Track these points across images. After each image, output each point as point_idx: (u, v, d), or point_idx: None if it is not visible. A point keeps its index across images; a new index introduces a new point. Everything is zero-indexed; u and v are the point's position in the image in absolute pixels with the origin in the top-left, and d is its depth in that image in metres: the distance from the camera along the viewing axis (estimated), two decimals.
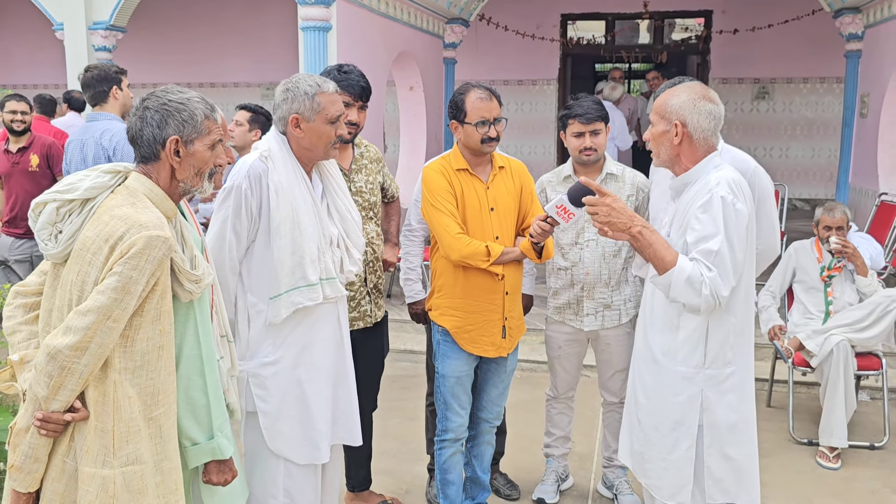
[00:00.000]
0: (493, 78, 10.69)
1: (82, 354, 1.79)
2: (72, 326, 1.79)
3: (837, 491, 3.83)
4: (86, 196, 1.89)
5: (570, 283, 3.47)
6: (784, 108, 10.34)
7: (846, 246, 4.36)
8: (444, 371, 3.16)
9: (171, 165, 1.96)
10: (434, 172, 3.08)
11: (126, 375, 1.86)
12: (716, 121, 2.42)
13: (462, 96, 3.06)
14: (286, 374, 2.59)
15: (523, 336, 3.42)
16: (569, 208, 2.73)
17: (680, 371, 2.45)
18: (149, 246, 1.81)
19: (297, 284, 2.53)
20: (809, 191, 10.33)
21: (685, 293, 2.30)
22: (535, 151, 10.87)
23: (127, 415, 1.86)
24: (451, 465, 3.26)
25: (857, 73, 7.79)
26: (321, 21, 5.62)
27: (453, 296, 3.10)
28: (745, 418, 2.48)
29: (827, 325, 4.36)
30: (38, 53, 10.93)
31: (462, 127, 3.04)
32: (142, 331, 1.87)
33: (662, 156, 2.48)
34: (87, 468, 1.84)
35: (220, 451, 2.07)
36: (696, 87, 2.46)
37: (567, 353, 3.60)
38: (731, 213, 2.31)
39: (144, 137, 1.94)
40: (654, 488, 2.55)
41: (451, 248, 2.99)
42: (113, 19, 7.69)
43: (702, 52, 10.54)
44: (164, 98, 1.95)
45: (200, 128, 1.97)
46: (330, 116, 2.56)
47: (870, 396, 4.96)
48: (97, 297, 1.79)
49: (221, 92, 11.07)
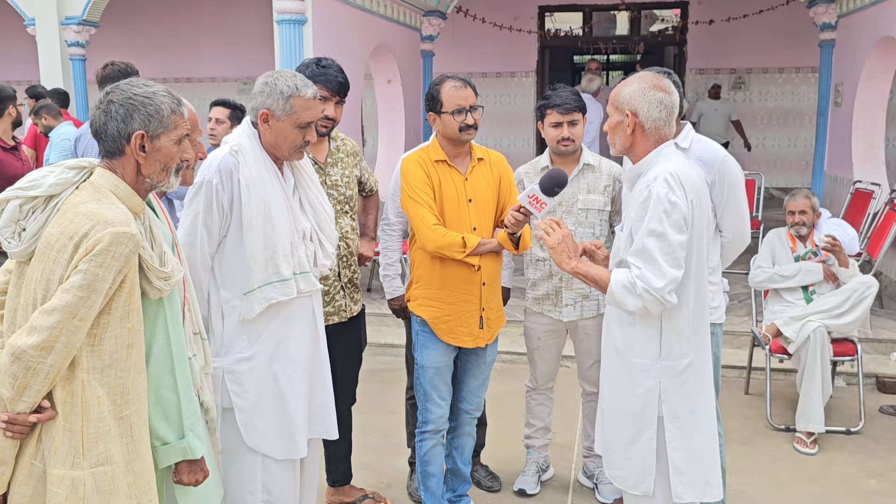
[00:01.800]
0: (471, 70, 10.67)
1: (48, 354, 1.75)
2: (37, 326, 1.76)
3: (814, 476, 3.88)
4: (50, 192, 1.84)
5: (549, 275, 3.47)
6: (760, 98, 10.41)
7: (835, 244, 4.41)
8: (424, 362, 3.17)
9: (136, 161, 1.91)
10: (412, 164, 3.07)
11: (94, 375, 1.83)
12: (668, 110, 2.41)
13: (437, 87, 3.06)
14: (262, 369, 2.58)
15: (503, 328, 3.43)
16: (541, 198, 2.74)
17: (637, 363, 2.46)
18: (115, 243, 1.78)
19: (271, 279, 2.51)
20: (786, 180, 10.42)
21: (627, 299, 2.36)
22: (514, 143, 10.88)
23: (96, 415, 1.82)
24: (432, 456, 3.26)
25: (831, 63, 7.85)
26: (296, 14, 5.58)
27: (431, 286, 3.11)
28: (703, 407, 2.50)
29: (804, 311, 4.40)
30: (8, 49, 10.77)
31: (440, 117, 3.04)
32: (110, 329, 1.83)
33: (618, 145, 2.49)
34: (55, 469, 1.81)
35: (190, 450, 2.04)
36: (647, 76, 2.45)
37: (546, 345, 3.61)
38: (664, 206, 2.30)
39: (109, 132, 1.89)
40: (617, 479, 2.58)
41: (427, 238, 2.98)
42: (86, 14, 7.59)
43: (678, 43, 10.58)
44: (129, 92, 1.89)
45: (167, 122, 1.92)
46: (300, 121, 2.52)
47: (846, 382, 5.02)
48: (62, 295, 1.76)
49: (197, 87, 10.96)
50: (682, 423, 2.47)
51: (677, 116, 2.66)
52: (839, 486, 3.79)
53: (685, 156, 2.76)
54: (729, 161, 2.97)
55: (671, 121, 2.45)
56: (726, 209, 2.97)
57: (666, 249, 2.30)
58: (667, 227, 2.29)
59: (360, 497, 3.57)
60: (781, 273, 4.55)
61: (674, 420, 2.47)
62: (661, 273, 2.30)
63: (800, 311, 4.44)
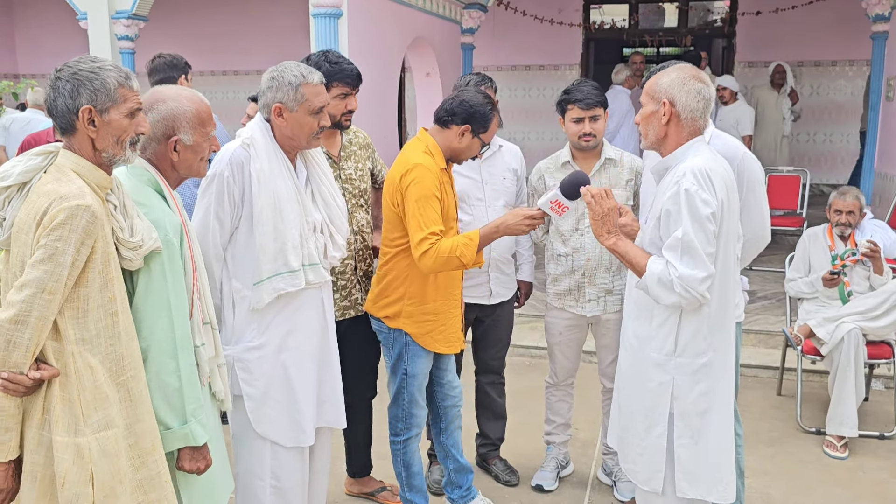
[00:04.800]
0: (513, 63, 10.62)
1: (24, 328, 1.82)
2: (11, 301, 1.83)
3: (842, 480, 3.78)
4: (19, 181, 1.92)
5: (571, 270, 3.45)
6: (812, 92, 10.11)
7: (875, 251, 4.30)
8: (415, 371, 3.11)
9: (89, 136, 1.95)
10: (431, 175, 2.90)
11: (84, 346, 1.90)
12: (705, 101, 2.40)
13: (490, 113, 2.99)
14: (271, 358, 2.63)
15: (531, 322, 3.42)
16: (563, 202, 2.74)
17: (653, 357, 2.45)
18: (71, 216, 1.83)
19: (280, 270, 2.56)
20: (837, 176, 10.11)
21: (660, 292, 2.35)
22: (556, 137, 10.77)
23: (90, 383, 1.90)
24: (415, 458, 3.26)
25: (884, 55, 7.58)
26: (332, 7, 5.62)
27: (425, 301, 3.03)
28: (719, 408, 2.46)
29: (839, 312, 4.29)
30: (64, 43, 11.09)
31: (472, 139, 3.00)
32: (90, 301, 1.90)
33: (651, 136, 2.47)
34: (59, 437, 1.88)
35: (192, 437, 2.08)
36: (686, 67, 2.45)
37: (567, 339, 3.59)
38: (695, 202, 2.30)
39: (59, 108, 1.93)
40: (631, 472, 2.59)
41: (426, 265, 2.89)
42: (135, 8, 7.77)
43: (727, 35, 10.34)
44: (75, 68, 1.93)
45: (114, 96, 1.94)
46: (313, 108, 2.57)
47: (884, 386, 4.87)
48: (29, 271, 1.83)
49: (244, 80, 11.14)
50: (692, 421, 2.45)
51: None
52: (868, 491, 3.69)
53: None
54: (749, 158, 2.91)
55: (706, 113, 2.44)
56: (746, 207, 2.91)
57: (699, 246, 2.29)
58: (698, 224, 2.29)
59: (379, 489, 3.62)
60: (802, 289, 4.57)
61: (684, 418, 2.45)
62: (698, 268, 2.29)
63: (835, 311, 4.32)
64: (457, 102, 2.97)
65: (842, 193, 4.51)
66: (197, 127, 2.22)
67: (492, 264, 3.52)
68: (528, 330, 5.56)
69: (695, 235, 2.28)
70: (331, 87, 2.93)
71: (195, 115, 2.22)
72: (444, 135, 3.00)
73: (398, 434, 3.20)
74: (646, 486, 2.53)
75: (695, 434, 2.45)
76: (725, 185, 2.38)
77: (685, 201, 2.30)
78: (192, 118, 2.21)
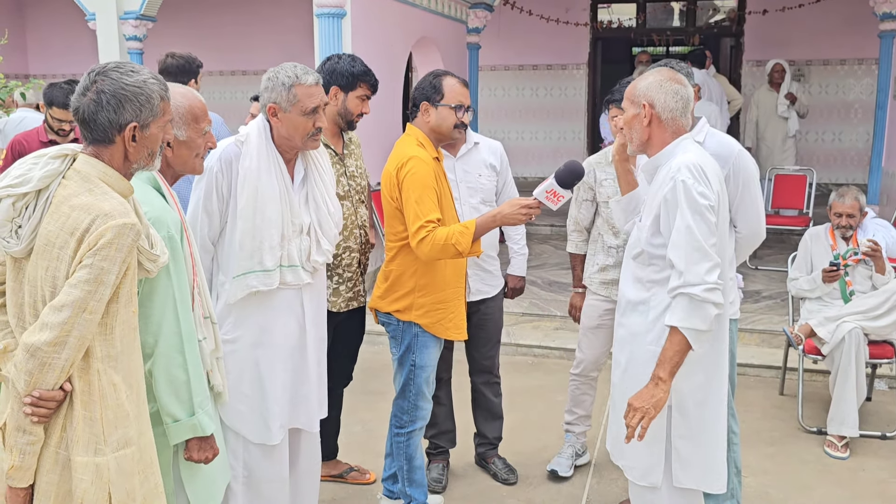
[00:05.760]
0: (520, 63, 10.61)
1: (62, 349, 1.78)
2: (48, 322, 1.77)
3: (842, 480, 3.77)
4: (39, 186, 1.82)
5: (620, 262, 3.45)
6: (820, 91, 10.07)
7: (876, 250, 4.29)
8: (424, 362, 3.11)
9: (125, 148, 1.91)
10: (426, 167, 2.92)
11: (109, 363, 1.86)
12: (683, 101, 2.46)
13: (439, 79, 3.02)
14: (244, 352, 2.67)
15: (533, 322, 3.43)
16: (559, 192, 2.76)
17: (650, 350, 2.46)
18: (119, 235, 1.79)
19: (254, 268, 2.60)
20: (846, 175, 10.05)
21: (698, 320, 2.31)
22: (564, 136, 10.77)
23: (113, 401, 1.87)
24: (418, 451, 3.25)
25: (892, 54, 7.54)
26: (335, 7, 5.64)
27: (435, 290, 3.04)
28: (714, 401, 2.48)
29: (840, 312, 4.27)
30: (72, 43, 11.18)
31: (435, 109, 2.99)
32: (118, 317, 1.86)
33: (635, 140, 2.52)
34: (79, 457, 1.85)
35: (200, 427, 2.11)
36: (663, 70, 2.53)
37: (605, 322, 3.54)
38: (693, 197, 2.33)
39: (99, 122, 1.86)
40: (627, 469, 2.59)
41: (426, 254, 2.90)
42: (143, 9, 7.82)
43: (735, 34, 10.31)
44: (119, 82, 1.86)
45: (156, 111, 1.92)
46: (305, 109, 2.59)
47: (888, 385, 4.85)
48: (70, 290, 1.77)
49: (253, 80, 11.18)
50: (689, 413, 2.48)
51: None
52: (868, 491, 3.67)
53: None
54: (744, 155, 2.93)
55: (687, 112, 2.49)
56: (741, 204, 2.92)
57: (701, 237, 2.31)
58: (699, 216, 2.32)
59: (346, 470, 3.70)
60: (803, 287, 4.54)
61: (681, 409, 2.48)
62: (703, 260, 2.30)
63: (836, 311, 4.31)
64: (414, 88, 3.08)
65: (841, 195, 4.49)
66: (190, 122, 2.23)
67: (469, 260, 3.50)
68: (530, 329, 5.56)
69: (696, 227, 2.31)
70: (358, 85, 3.13)
71: (188, 111, 2.23)
72: (419, 123, 3.05)
73: (403, 426, 3.19)
74: (643, 482, 2.54)
75: (692, 425, 2.48)
76: (718, 179, 2.42)
77: (683, 193, 2.33)
78: (185, 114, 2.22)
